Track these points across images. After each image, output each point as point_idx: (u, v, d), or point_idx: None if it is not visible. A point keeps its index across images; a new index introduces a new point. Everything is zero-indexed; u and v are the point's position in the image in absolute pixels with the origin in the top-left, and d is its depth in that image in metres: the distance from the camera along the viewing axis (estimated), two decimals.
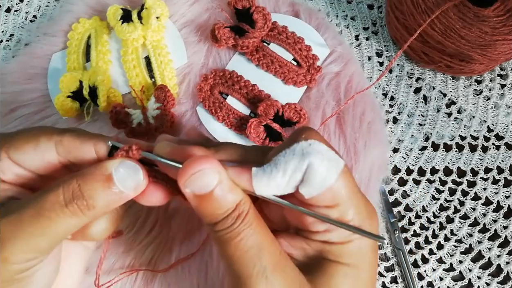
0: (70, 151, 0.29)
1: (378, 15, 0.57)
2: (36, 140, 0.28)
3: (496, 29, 0.46)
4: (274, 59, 0.48)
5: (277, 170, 0.25)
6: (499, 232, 0.46)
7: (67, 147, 0.28)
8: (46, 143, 0.28)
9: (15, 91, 0.49)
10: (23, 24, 0.59)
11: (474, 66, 0.49)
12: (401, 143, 0.50)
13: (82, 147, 0.29)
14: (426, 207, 0.47)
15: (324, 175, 0.25)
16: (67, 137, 0.28)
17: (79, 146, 0.28)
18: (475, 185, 0.48)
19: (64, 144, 0.28)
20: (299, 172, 0.25)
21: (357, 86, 0.49)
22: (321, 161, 0.25)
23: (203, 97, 0.47)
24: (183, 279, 0.41)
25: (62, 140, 0.28)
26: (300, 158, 0.25)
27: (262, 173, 0.26)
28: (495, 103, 0.51)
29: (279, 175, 0.25)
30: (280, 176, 0.25)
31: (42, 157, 0.28)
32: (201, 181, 0.25)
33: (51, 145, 0.28)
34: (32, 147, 0.28)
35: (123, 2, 0.51)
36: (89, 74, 0.47)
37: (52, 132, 0.29)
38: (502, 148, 0.49)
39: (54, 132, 0.29)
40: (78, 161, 0.29)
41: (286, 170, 0.25)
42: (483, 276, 0.44)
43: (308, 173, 0.25)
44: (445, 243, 0.46)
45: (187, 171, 0.25)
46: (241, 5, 0.50)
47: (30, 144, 0.28)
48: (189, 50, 0.50)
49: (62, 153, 0.29)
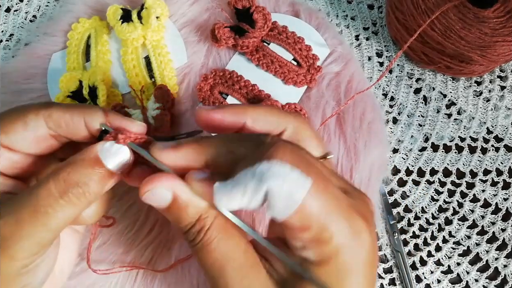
0: (60, 125, 0.28)
1: (378, 15, 0.57)
2: (24, 118, 0.28)
3: (496, 30, 0.46)
4: (274, 59, 0.48)
5: (237, 190, 0.24)
6: (497, 235, 0.46)
7: (56, 121, 0.28)
8: (34, 119, 0.28)
9: (15, 90, 0.49)
10: (23, 24, 0.59)
11: (474, 67, 0.49)
12: (401, 144, 0.50)
13: (73, 122, 0.28)
14: (425, 208, 0.47)
15: (286, 199, 0.23)
16: (55, 110, 0.28)
17: (69, 121, 0.28)
18: (474, 187, 0.48)
19: (53, 118, 0.28)
20: (259, 195, 0.23)
21: (357, 86, 0.49)
22: (281, 185, 0.23)
23: (203, 97, 0.47)
24: (183, 279, 0.42)
25: (51, 114, 0.28)
26: (258, 182, 0.23)
27: (224, 190, 0.24)
28: (495, 104, 0.51)
29: (239, 194, 0.24)
30: (240, 196, 0.24)
31: (33, 134, 0.28)
32: (155, 198, 0.26)
33: (40, 121, 0.28)
34: (21, 126, 0.28)
35: (123, 2, 0.51)
36: (89, 74, 0.47)
37: (39, 107, 0.28)
38: (502, 150, 0.49)
39: (41, 106, 0.28)
40: (70, 136, 0.29)
41: (246, 191, 0.24)
42: (481, 279, 0.45)
43: (269, 197, 0.23)
44: (443, 245, 0.46)
45: (142, 189, 0.26)
46: (241, 5, 0.50)
47: (18, 123, 0.28)
48: (189, 50, 0.50)
49: (52, 127, 0.28)
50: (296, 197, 0.23)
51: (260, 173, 0.23)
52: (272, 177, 0.23)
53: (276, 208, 0.23)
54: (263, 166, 0.23)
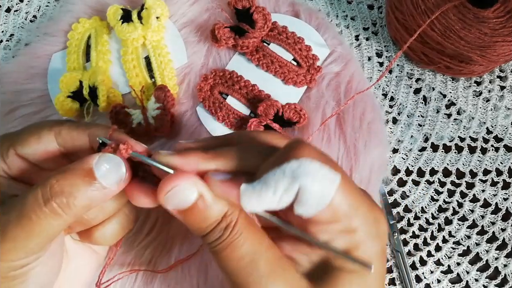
0: (67, 141, 0.29)
1: (378, 15, 0.57)
2: (39, 133, 0.29)
3: (496, 31, 0.46)
4: (274, 59, 0.48)
5: (267, 189, 0.24)
6: (497, 235, 0.46)
7: (64, 137, 0.29)
8: (47, 134, 0.29)
9: (15, 91, 0.49)
10: (23, 24, 0.59)
11: (474, 67, 0.49)
12: (401, 144, 0.50)
13: (78, 137, 0.29)
14: (425, 208, 0.47)
15: (319, 195, 0.24)
16: (65, 127, 0.29)
17: (75, 137, 0.29)
18: (474, 187, 0.48)
19: (62, 134, 0.29)
20: (291, 193, 0.24)
21: (357, 86, 0.49)
22: (313, 182, 0.23)
23: (203, 97, 0.48)
24: (183, 279, 0.42)
25: (61, 130, 0.29)
26: (291, 179, 0.24)
27: (252, 191, 0.25)
28: (495, 104, 0.51)
29: (269, 194, 0.24)
30: (271, 195, 0.24)
31: (44, 148, 0.29)
32: (179, 197, 0.25)
33: (52, 136, 0.29)
34: (35, 140, 0.29)
35: (123, 2, 0.51)
36: (89, 74, 0.47)
37: (53, 124, 0.30)
38: (501, 150, 0.49)
39: (55, 123, 0.30)
40: (75, 151, 0.29)
41: (276, 190, 0.24)
42: (481, 279, 0.45)
43: (301, 194, 0.24)
44: (443, 245, 0.46)
45: (163, 188, 0.25)
46: (241, 5, 0.50)
47: (33, 137, 0.29)
48: (189, 50, 0.50)
49: (61, 143, 0.29)
50: (327, 192, 0.24)
51: (291, 171, 0.24)
52: (304, 174, 0.23)
53: (308, 204, 0.24)
54: (292, 164, 0.24)
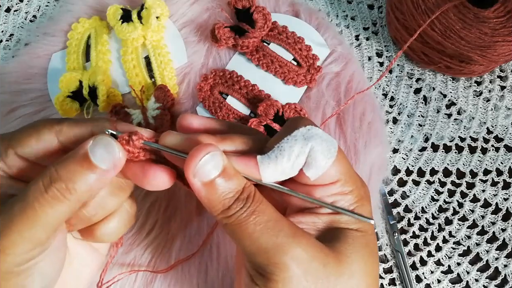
0: (70, 138, 0.29)
1: (379, 15, 0.57)
2: (38, 133, 0.29)
3: (496, 30, 0.46)
4: (274, 59, 0.48)
5: (282, 156, 0.27)
6: (497, 235, 0.46)
7: (66, 135, 0.29)
8: (47, 134, 0.29)
9: (15, 91, 0.49)
10: (23, 24, 0.59)
11: (474, 67, 0.49)
12: (401, 144, 0.50)
13: (81, 133, 0.29)
14: (425, 208, 0.47)
15: (326, 155, 0.27)
16: (65, 125, 0.29)
17: (77, 133, 0.29)
18: (474, 187, 0.48)
19: (64, 132, 0.29)
20: (303, 156, 0.27)
21: (357, 86, 0.49)
22: (321, 143, 0.27)
23: (203, 97, 0.47)
24: (183, 279, 0.42)
25: (62, 128, 0.29)
26: (303, 142, 0.27)
27: (268, 160, 0.27)
28: (495, 104, 0.51)
29: (284, 160, 0.27)
30: (286, 161, 0.27)
31: (44, 147, 0.29)
32: (209, 166, 0.26)
33: (52, 136, 0.29)
34: (35, 139, 0.29)
35: (123, 2, 0.51)
36: (88, 74, 0.47)
37: (52, 122, 0.29)
38: (502, 150, 0.49)
39: (54, 122, 0.29)
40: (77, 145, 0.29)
41: (290, 155, 0.27)
42: (481, 279, 0.45)
43: (311, 155, 0.27)
44: (443, 245, 0.46)
45: (195, 158, 0.26)
46: (241, 5, 0.50)
47: (33, 137, 0.29)
48: (189, 50, 0.50)
49: (63, 141, 0.29)
50: (333, 151, 0.27)
51: (302, 135, 0.27)
52: (314, 137, 0.27)
53: (317, 164, 0.27)
54: (303, 129, 0.28)
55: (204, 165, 0.26)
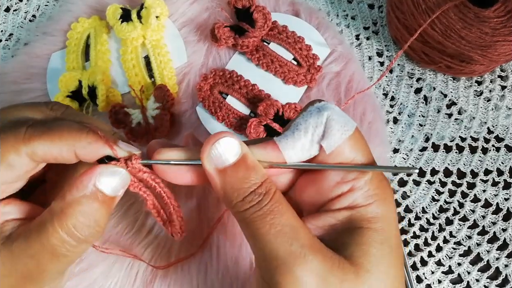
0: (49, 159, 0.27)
1: (379, 14, 0.57)
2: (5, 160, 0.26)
3: (497, 30, 0.46)
4: (274, 58, 0.48)
5: (299, 130, 0.26)
6: (498, 235, 0.46)
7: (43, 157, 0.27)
8: (17, 159, 0.26)
9: (14, 90, 0.49)
10: (22, 23, 0.58)
11: (474, 67, 0.49)
12: (401, 144, 0.50)
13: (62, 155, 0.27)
14: (426, 209, 0.47)
15: (343, 123, 0.26)
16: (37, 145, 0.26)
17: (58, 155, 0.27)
18: (475, 187, 0.48)
19: (39, 154, 0.26)
20: (320, 126, 0.26)
21: (357, 86, 0.49)
22: (337, 114, 0.26)
23: (203, 96, 0.47)
24: (182, 279, 0.42)
25: (34, 151, 0.26)
26: (318, 114, 0.26)
27: (285, 138, 0.26)
28: (496, 104, 0.51)
29: (301, 134, 0.26)
30: (303, 135, 0.26)
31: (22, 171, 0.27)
32: (223, 151, 0.25)
33: (25, 159, 0.26)
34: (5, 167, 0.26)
35: (122, 2, 0.51)
36: (88, 74, 0.47)
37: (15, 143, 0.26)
38: (502, 150, 0.49)
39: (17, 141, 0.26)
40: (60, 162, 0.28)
41: (307, 128, 0.26)
42: (482, 279, 0.44)
43: (329, 125, 0.26)
44: (444, 245, 0.46)
45: (209, 142, 0.25)
46: (241, 4, 0.50)
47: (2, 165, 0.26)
48: (188, 49, 0.50)
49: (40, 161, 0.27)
50: (349, 126, 0.26)
51: (318, 108, 0.26)
52: (329, 108, 0.26)
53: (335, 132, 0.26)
54: (317, 104, 0.27)
55: (220, 150, 0.25)
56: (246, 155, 0.26)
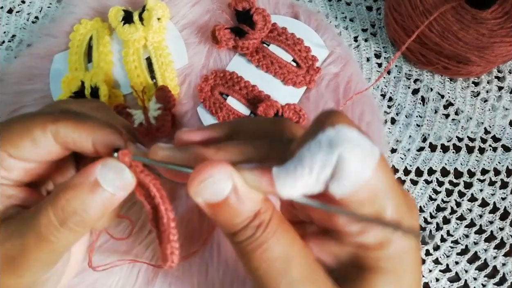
0: (68, 143, 0.27)
1: (377, 16, 0.57)
2: (31, 135, 0.27)
3: (494, 31, 0.47)
4: (274, 60, 0.49)
5: (303, 167, 0.21)
6: (495, 234, 0.46)
7: (64, 139, 0.27)
8: (42, 136, 0.27)
9: (17, 91, 0.49)
10: (25, 25, 0.59)
11: (472, 68, 0.50)
12: (399, 144, 0.51)
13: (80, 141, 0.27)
14: (423, 208, 0.48)
15: (358, 168, 0.21)
16: (62, 127, 0.27)
17: (76, 140, 0.27)
18: (472, 186, 0.48)
19: (61, 134, 0.27)
20: (329, 167, 0.21)
21: (356, 87, 0.49)
22: (353, 151, 0.20)
23: (204, 97, 0.48)
24: (183, 277, 0.42)
25: (58, 131, 0.27)
26: (328, 150, 0.21)
27: (286, 173, 0.22)
28: (492, 105, 0.52)
29: (305, 172, 0.21)
30: (307, 174, 0.21)
31: (44, 150, 0.27)
32: (212, 189, 0.22)
33: (49, 137, 0.27)
34: (29, 142, 0.27)
35: (124, 4, 0.52)
36: (90, 75, 0.47)
37: (45, 121, 0.27)
38: (499, 150, 0.50)
39: (47, 121, 0.27)
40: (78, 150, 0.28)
41: (313, 166, 0.21)
42: (479, 278, 0.45)
43: (339, 167, 0.21)
44: (441, 244, 0.46)
45: (196, 179, 0.22)
46: (242, 6, 0.50)
47: (26, 139, 0.27)
48: (189, 51, 0.50)
49: (61, 143, 0.27)
50: (367, 167, 0.21)
51: (328, 140, 0.21)
52: (343, 142, 0.20)
53: (346, 178, 0.21)
54: (329, 132, 0.21)
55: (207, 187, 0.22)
56: (238, 188, 0.23)
